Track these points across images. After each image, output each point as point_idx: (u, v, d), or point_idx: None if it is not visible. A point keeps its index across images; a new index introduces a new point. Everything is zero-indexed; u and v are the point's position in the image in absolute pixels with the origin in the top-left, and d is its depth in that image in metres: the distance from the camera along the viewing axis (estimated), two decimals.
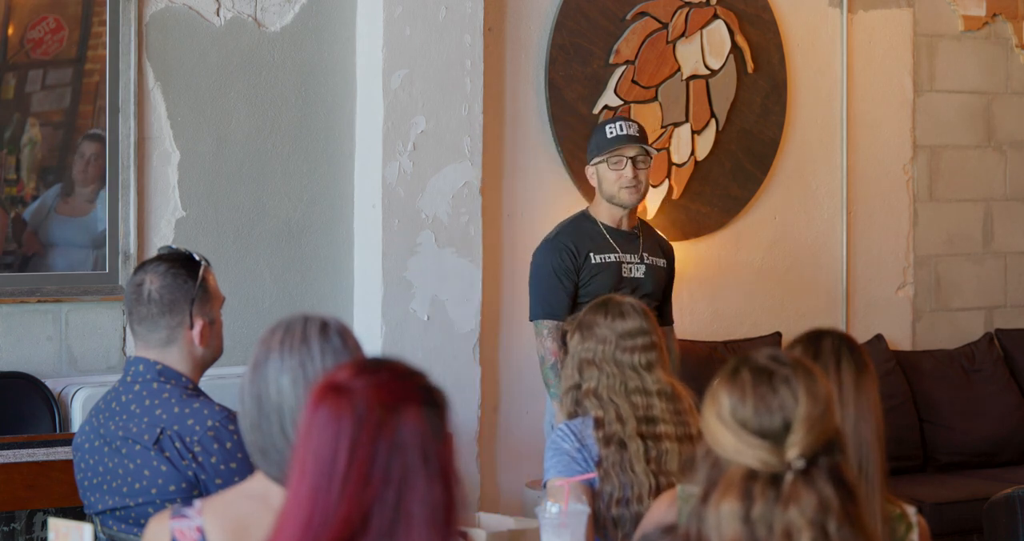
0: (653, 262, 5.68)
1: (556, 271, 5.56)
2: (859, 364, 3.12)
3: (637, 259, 5.64)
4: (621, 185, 5.60)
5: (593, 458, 3.99)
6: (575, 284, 5.55)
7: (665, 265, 5.74)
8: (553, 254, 5.60)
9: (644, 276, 5.62)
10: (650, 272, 5.65)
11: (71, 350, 5.65)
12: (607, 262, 5.59)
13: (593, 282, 5.54)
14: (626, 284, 5.56)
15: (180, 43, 5.82)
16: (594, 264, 5.56)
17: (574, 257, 5.56)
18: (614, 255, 5.61)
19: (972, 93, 7.68)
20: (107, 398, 3.66)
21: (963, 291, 7.66)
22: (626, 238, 5.66)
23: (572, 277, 5.55)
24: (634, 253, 5.64)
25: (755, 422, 2.28)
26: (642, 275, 5.62)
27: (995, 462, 7.11)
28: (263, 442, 2.75)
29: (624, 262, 5.61)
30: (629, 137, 5.62)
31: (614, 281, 5.55)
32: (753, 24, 7.03)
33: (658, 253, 5.73)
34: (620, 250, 5.62)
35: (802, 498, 2.24)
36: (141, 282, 3.61)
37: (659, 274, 5.68)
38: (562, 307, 5.51)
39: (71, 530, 3.01)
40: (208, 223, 5.87)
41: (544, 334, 5.53)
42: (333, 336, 2.76)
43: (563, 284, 5.54)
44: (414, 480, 2.12)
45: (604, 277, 5.56)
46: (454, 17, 6.14)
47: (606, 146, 5.63)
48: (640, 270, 5.63)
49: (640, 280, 5.60)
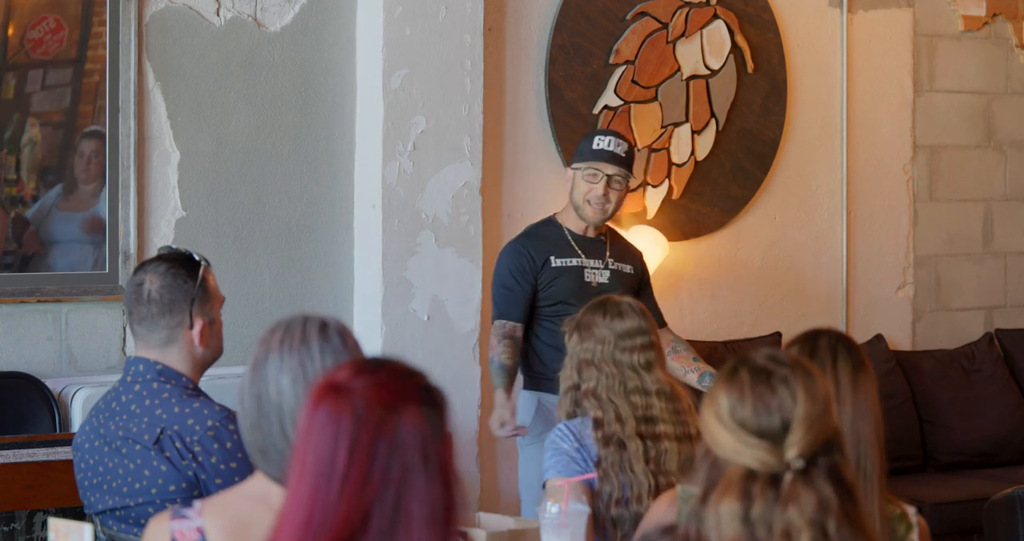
0: (619, 268, 5.57)
1: (513, 273, 5.47)
2: (856, 362, 3.12)
3: (601, 265, 5.54)
4: (587, 198, 5.48)
5: (592, 458, 3.99)
6: (533, 287, 5.46)
7: (633, 271, 5.61)
8: (512, 257, 5.51)
9: (609, 281, 5.51)
10: (616, 278, 5.54)
11: (71, 350, 5.65)
12: (568, 266, 5.49)
13: (554, 285, 5.46)
14: (589, 289, 5.44)
15: (180, 43, 5.82)
16: (554, 267, 5.47)
17: (532, 260, 5.47)
18: (576, 259, 5.51)
19: (972, 93, 7.68)
20: (107, 398, 3.66)
21: (963, 291, 7.66)
22: (591, 244, 5.55)
23: (530, 280, 5.45)
24: (598, 258, 5.54)
25: (754, 422, 2.28)
26: (607, 281, 5.51)
27: (995, 462, 7.11)
28: (263, 442, 2.75)
29: (587, 267, 5.51)
30: (613, 155, 5.49)
31: (576, 285, 5.47)
32: (753, 24, 7.03)
33: (625, 259, 5.62)
34: (583, 255, 5.52)
35: (801, 498, 2.24)
36: (141, 282, 3.61)
37: (627, 280, 5.57)
38: (516, 309, 5.42)
39: (71, 530, 3.01)
40: (208, 223, 5.87)
41: (493, 333, 5.46)
42: (333, 336, 2.76)
43: (520, 286, 5.45)
44: (414, 480, 2.12)
45: (565, 281, 5.47)
46: (454, 17, 6.14)
47: (588, 156, 5.51)
48: (605, 275, 5.53)
49: (605, 285, 5.49)
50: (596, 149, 5.50)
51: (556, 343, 5.40)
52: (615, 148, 5.50)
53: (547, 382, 5.40)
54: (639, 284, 5.65)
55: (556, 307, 5.43)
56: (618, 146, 5.51)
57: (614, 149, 5.50)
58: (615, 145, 5.51)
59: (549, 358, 5.40)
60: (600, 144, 5.51)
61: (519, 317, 5.42)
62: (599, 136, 5.57)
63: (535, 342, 5.46)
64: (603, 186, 5.47)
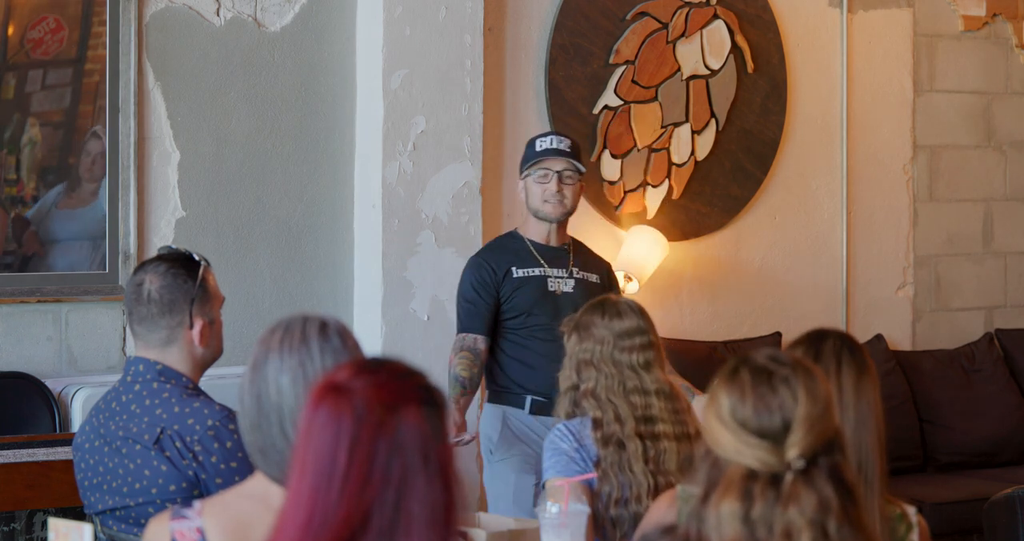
0: (584, 277, 5.50)
1: (475, 286, 5.42)
2: (860, 367, 3.11)
3: (565, 274, 5.46)
4: (544, 198, 5.41)
5: (592, 458, 3.99)
6: (495, 299, 5.40)
7: (599, 281, 5.53)
8: (474, 271, 5.46)
9: (574, 290, 5.44)
10: (581, 287, 5.46)
11: (71, 350, 5.65)
12: (530, 276, 5.43)
13: (516, 296, 5.40)
14: (552, 299, 5.40)
15: (180, 43, 5.82)
16: (516, 278, 5.41)
17: (493, 273, 5.40)
18: (538, 269, 5.44)
19: (972, 93, 7.68)
20: (107, 398, 3.66)
21: (963, 291, 7.66)
22: (553, 253, 5.48)
23: (492, 292, 5.39)
24: (562, 268, 5.47)
25: (755, 422, 2.28)
26: (571, 289, 5.44)
27: (995, 462, 7.11)
28: (263, 442, 2.75)
29: (550, 276, 5.44)
30: (558, 151, 5.44)
31: (539, 295, 5.40)
32: (753, 24, 7.03)
33: (590, 268, 5.54)
34: (546, 264, 5.45)
35: (802, 498, 2.24)
36: (141, 282, 3.61)
37: (593, 289, 5.45)
38: (479, 321, 5.36)
39: (71, 530, 3.01)
40: (208, 223, 5.87)
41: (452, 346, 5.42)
42: (332, 336, 2.76)
43: (482, 299, 5.39)
44: (414, 480, 2.12)
45: (528, 291, 5.40)
46: (454, 17, 6.14)
47: (532, 158, 5.46)
48: (569, 285, 5.45)
49: (569, 295, 5.42)
50: (540, 150, 5.46)
51: (520, 356, 5.39)
52: (558, 145, 5.46)
53: (512, 395, 5.39)
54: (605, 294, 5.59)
55: (519, 318, 5.39)
56: (560, 142, 5.47)
57: (557, 146, 5.45)
58: (557, 142, 5.47)
59: (514, 371, 5.38)
60: (543, 144, 5.47)
61: (481, 329, 5.36)
62: (540, 138, 5.53)
63: (499, 355, 5.41)
64: (556, 183, 5.40)
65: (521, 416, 5.37)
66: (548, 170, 5.42)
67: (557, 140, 5.48)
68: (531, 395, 5.35)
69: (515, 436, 5.36)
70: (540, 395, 5.30)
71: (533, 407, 5.34)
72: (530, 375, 5.35)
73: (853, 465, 2.79)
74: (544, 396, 5.26)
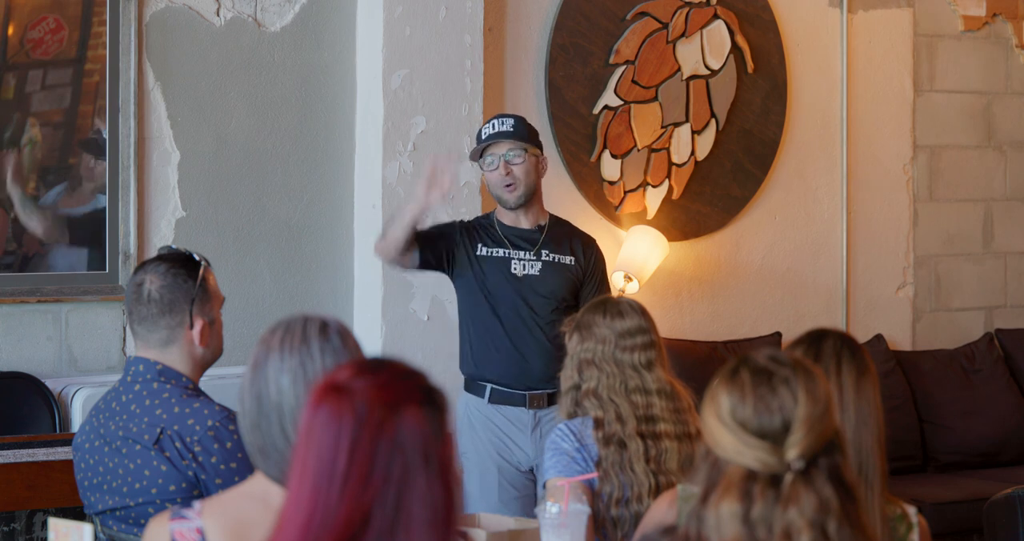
0: (555, 259, 5.34)
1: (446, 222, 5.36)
2: (860, 367, 3.11)
3: (532, 256, 5.32)
4: (497, 185, 5.30)
5: (592, 458, 3.99)
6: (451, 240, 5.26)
7: (573, 262, 5.37)
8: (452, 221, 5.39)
9: (540, 273, 5.31)
10: (550, 270, 5.32)
11: (71, 350, 5.65)
12: (494, 256, 5.31)
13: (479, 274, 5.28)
14: (514, 281, 5.28)
15: (180, 43, 5.82)
16: (480, 255, 5.29)
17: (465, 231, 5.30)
18: (502, 250, 5.32)
19: (972, 93, 7.68)
20: (107, 398, 3.66)
21: (963, 291, 7.66)
22: (523, 234, 5.35)
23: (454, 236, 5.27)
24: (528, 250, 5.32)
25: (755, 423, 2.28)
26: (537, 272, 5.31)
27: (995, 462, 7.11)
28: (263, 442, 2.75)
29: (514, 258, 5.31)
30: (500, 133, 5.29)
31: (501, 277, 5.28)
32: (753, 24, 7.03)
33: (565, 250, 5.38)
34: (511, 246, 5.32)
35: (802, 499, 2.24)
36: (141, 282, 3.61)
37: (564, 272, 5.35)
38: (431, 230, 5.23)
39: (71, 530, 3.01)
40: (208, 223, 5.88)
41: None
42: (333, 336, 2.76)
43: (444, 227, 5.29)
44: (414, 480, 2.12)
45: (492, 270, 5.28)
46: (454, 17, 6.14)
47: (478, 146, 5.35)
48: (535, 267, 5.31)
49: (535, 277, 5.29)
50: (484, 137, 5.33)
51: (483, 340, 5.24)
52: (500, 127, 5.32)
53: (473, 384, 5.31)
54: (582, 276, 5.41)
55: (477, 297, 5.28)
56: (503, 124, 5.33)
57: (499, 128, 5.32)
58: (500, 124, 5.33)
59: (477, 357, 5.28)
60: (486, 131, 5.34)
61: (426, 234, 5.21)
62: (484, 126, 5.40)
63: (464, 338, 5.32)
64: (503, 166, 5.27)
65: (480, 405, 5.30)
66: (494, 155, 5.29)
67: (499, 123, 5.33)
68: (491, 384, 5.28)
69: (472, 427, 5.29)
70: (500, 384, 5.25)
71: (492, 396, 5.28)
72: (491, 362, 5.26)
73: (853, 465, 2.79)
74: (504, 385, 5.23)
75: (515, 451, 5.25)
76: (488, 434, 5.26)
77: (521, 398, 5.25)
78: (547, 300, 5.29)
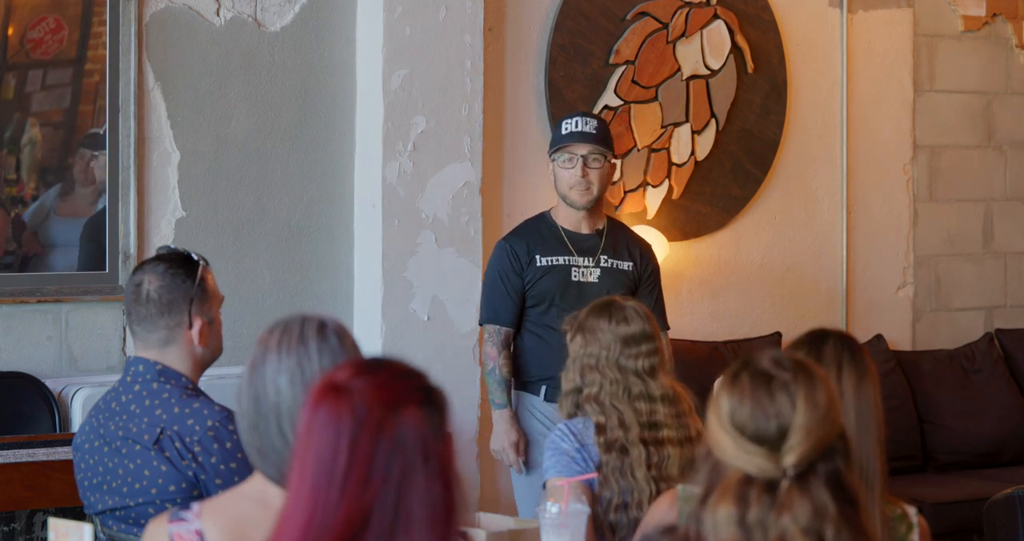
0: (614, 265, 5.40)
1: (501, 275, 5.36)
2: (861, 369, 3.11)
3: (592, 262, 5.36)
4: (570, 185, 5.33)
5: (593, 459, 3.98)
6: (522, 288, 5.33)
7: (631, 268, 5.43)
8: (500, 257, 5.40)
9: (599, 280, 5.35)
10: (608, 276, 5.37)
11: (71, 350, 5.65)
12: (554, 264, 5.34)
13: (539, 285, 5.33)
14: (575, 288, 5.32)
15: (180, 43, 5.82)
16: (539, 266, 5.33)
17: (518, 259, 5.33)
18: (564, 258, 5.35)
19: (972, 93, 7.68)
20: (107, 398, 3.66)
21: (963, 291, 7.66)
22: (583, 240, 5.40)
23: (517, 281, 5.32)
24: (590, 256, 5.37)
25: (752, 428, 2.28)
26: (596, 280, 5.35)
27: (995, 462, 7.11)
28: (261, 442, 2.75)
29: (575, 266, 5.34)
30: (583, 134, 5.33)
31: (562, 285, 5.32)
32: (753, 24, 7.03)
33: (623, 255, 5.43)
34: (574, 253, 5.36)
35: (795, 506, 2.23)
36: (140, 282, 3.61)
37: (622, 278, 5.39)
38: (506, 311, 5.32)
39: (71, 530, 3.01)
40: (208, 223, 5.87)
41: (485, 338, 5.36)
42: (331, 336, 2.76)
43: (507, 288, 5.33)
44: (414, 480, 2.12)
45: (550, 280, 5.33)
46: (454, 17, 6.14)
47: (558, 142, 5.38)
48: (594, 274, 5.35)
49: (594, 285, 5.33)
50: (565, 133, 5.36)
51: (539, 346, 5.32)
52: (584, 127, 5.35)
53: (529, 384, 5.35)
54: (638, 281, 5.48)
55: (540, 307, 5.33)
56: (586, 124, 5.36)
57: (583, 128, 5.35)
58: (583, 124, 5.36)
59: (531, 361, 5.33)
60: (568, 127, 5.37)
61: (511, 322, 5.32)
62: (566, 120, 5.43)
63: (520, 342, 5.39)
64: (580, 168, 5.31)
65: (537, 403, 5.34)
66: (573, 154, 5.34)
67: (583, 122, 5.37)
68: (546, 384, 5.30)
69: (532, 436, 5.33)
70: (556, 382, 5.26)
71: (548, 394, 5.30)
72: (547, 363, 5.26)
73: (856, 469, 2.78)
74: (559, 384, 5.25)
75: None
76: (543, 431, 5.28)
77: None
78: None
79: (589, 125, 5.37)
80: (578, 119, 5.39)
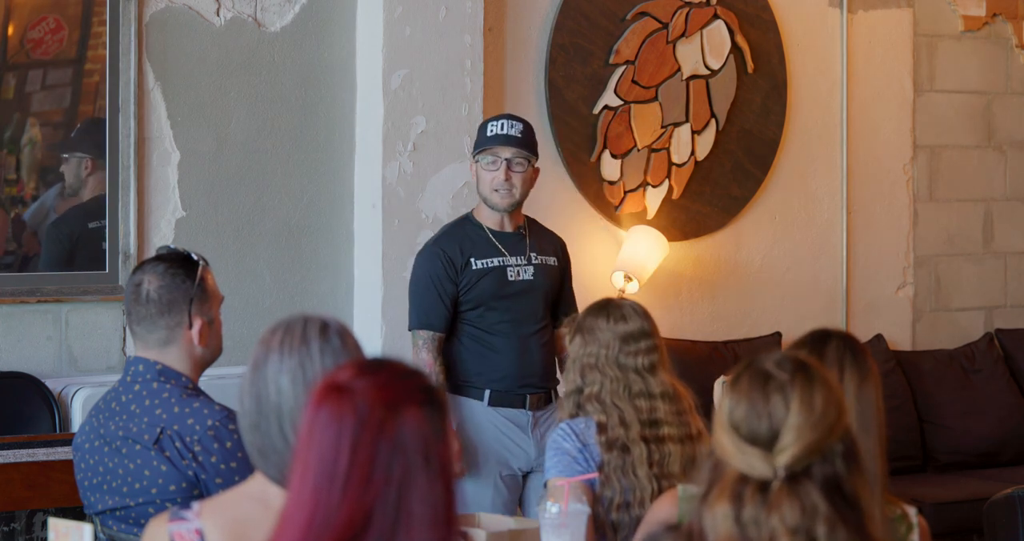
0: (543, 261, 5.34)
1: (433, 280, 5.25)
2: (863, 370, 3.11)
3: (524, 260, 5.29)
4: (493, 187, 5.23)
5: (594, 458, 3.98)
6: (455, 293, 5.24)
7: (556, 263, 5.38)
8: (432, 261, 5.28)
9: (534, 277, 5.30)
10: (540, 273, 5.32)
11: (71, 350, 5.65)
12: (490, 266, 5.27)
13: (476, 288, 5.25)
14: (512, 288, 5.27)
15: (180, 43, 5.82)
16: (475, 270, 5.25)
17: (452, 264, 5.24)
18: (498, 259, 5.27)
19: (972, 93, 7.68)
20: (107, 398, 3.66)
21: (963, 291, 7.66)
22: (511, 240, 5.32)
23: (450, 286, 5.23)
24: (521, 255, 5.30)
25: (745, 427, 2.28)
26: (531, 277, 5.29)
27: (995, 462, 7.11)
28: (262, 442, 2.75)
29: (509, 266, 5.28)
30: (508, 137, 5.25)
31: (498, 285, 5.26)
32: (753, 24, 7.03)
33: (548, 251, 5.37)
34: (506, 253, 5.29)
35: (783, 507, 2.23)
36: (140, 282, 3.61)
37: (551, 273, 5.35)
38: (439, 317, 5.21)
39: (71, 530, 3.01)
40: (208, 223, 5.87)
41: (419, 345, 5.24)
42: (333, 336, 2.75)
43: (440, 293, 5.23)
44: (415, 480, 2.12)
45: (488, 282, 5.26)
46: (454, 17, 6.14)
47: (483, 143, 5.28)
48: (528, 272, 5.29)
49: (529, 281, 5.28)
50: (490, 135, 5.28)
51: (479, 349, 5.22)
52: (509, 130, 5.27)
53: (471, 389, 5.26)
54: (562, 275, 5.44)
55: (478, 310, 5.26)
56: (512, 127, 5.28)
57: (508, 131, 5.27)
58: (509, 127, 5.28)
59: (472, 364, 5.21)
60: (493, 129, 5.28)
61: (444, 328, 5.21)
62: (492, 122, 5.34)
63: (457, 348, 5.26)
64: (504, 171, 5.23)
65: (479, 408, 5.26)
66: (497, 157, 5.24)
67: (508, 125, 5.29)
68: (489, 388, 5.26)
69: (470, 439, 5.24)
70: (499, 386, 5.23)
71: (491, 398, 5.25)
72: (488, 366, 5.23)
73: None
74: (503, 387, 5.21)
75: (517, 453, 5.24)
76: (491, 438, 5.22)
77: (521, 399, 5.24)
78: (540, 301, 5.31)
79: (515, 128, 5.29)
80: (504, 121, 5.31)
